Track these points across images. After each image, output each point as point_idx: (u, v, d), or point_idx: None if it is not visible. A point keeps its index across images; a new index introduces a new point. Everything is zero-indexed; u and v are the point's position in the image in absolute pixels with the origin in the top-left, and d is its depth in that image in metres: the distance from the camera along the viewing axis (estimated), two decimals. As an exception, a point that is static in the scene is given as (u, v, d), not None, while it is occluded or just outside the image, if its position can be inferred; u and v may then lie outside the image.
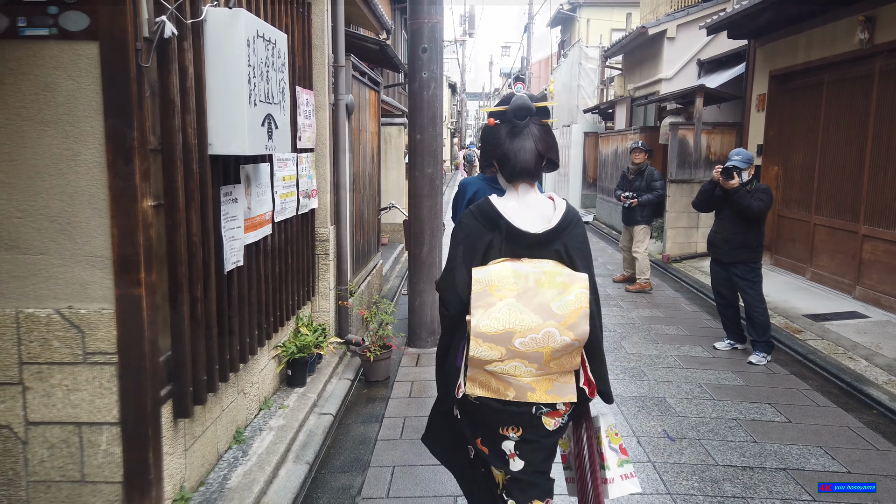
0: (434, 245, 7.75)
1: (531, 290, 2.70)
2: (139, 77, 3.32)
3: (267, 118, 4.29)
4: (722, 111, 15.33)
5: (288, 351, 5.93)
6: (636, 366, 7.28)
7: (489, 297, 2.70)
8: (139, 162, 3.34)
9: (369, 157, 9.24)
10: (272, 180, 5.30)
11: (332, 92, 6.94)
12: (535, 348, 2.69)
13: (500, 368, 2.76)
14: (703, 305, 10.06)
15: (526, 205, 2.88)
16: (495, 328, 2.67)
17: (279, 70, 4.56)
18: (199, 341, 4.08)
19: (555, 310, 2.68)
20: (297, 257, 6.28)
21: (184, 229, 3.83)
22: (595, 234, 18.25)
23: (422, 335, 7.89)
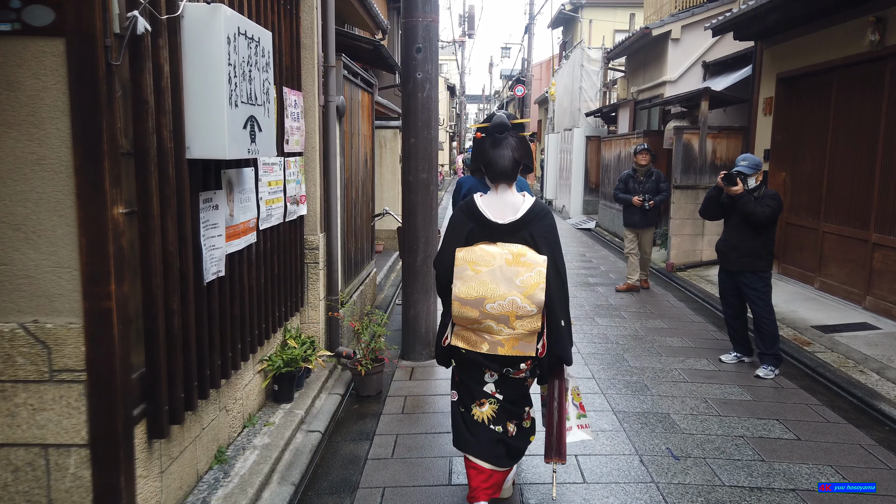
0: (429, 254, 7.63)
1: (501, 266, 3.80)
2: (109, 76, 3.21)
3: (249, 120, 4.17)
4: (728, 115, 15.28)
5: (274, 365, 5.81)
6: (639, 380, 7.17)
7: (467, 271, 3.85)
8: (109, 166, 3.22)
9: (362, 162, 9.17)
10: (257, 186, 5.20)
11: (322, 93, 6.84)
12: (503, 311, 3.81)
13: (477, 326, 3.91)
14: (709, 316, 9.95)
15: (502, 202, 3.97)
16: (471, 295, 3.82)
17: (263, 70, 4.44)
18: (175, 357, 3.96)
19: (517, 283, 3.78)
20: (285, 266, 6.19)
21: (158, 238, 3.72)
22: (597, 242, 18.20)
23: (416, 348, 7.78)
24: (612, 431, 5.83)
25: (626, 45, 19.35)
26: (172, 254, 3.86)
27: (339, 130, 7.42)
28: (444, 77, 57.39)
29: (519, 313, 3.80)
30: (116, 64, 3.25)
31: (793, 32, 11.32)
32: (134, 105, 3.53)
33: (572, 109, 25.23)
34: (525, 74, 35.93)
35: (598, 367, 7.51)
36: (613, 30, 31.36)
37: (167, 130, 3.73)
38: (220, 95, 3.80)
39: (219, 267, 4.46)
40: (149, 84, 3.56)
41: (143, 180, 3.59)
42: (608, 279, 12.77)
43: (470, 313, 3.86)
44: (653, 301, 10.97)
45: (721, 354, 7.95)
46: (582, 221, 22.22)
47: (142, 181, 3.59)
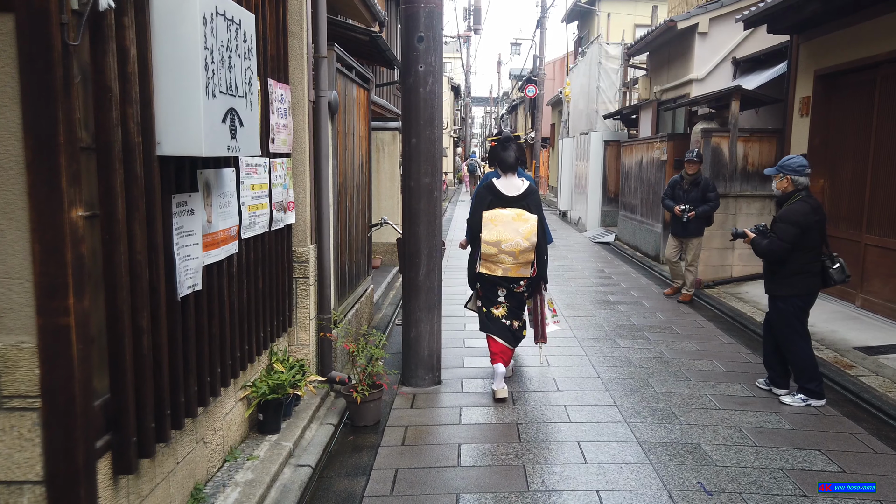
0: (432, 267, 7.56)
1: (510, 221, 6.90)
2: (66, 58, 3.09)
3: (229, 113, 4.08)
4: (760, 116, 15.26)
5: (259, 392, 5.72)
6: (665, 407, 7.11)
7: (489, 225, 6.89)
8: (66, 162, 3.10)
9: (357, 165, 9.13)
10: (238, 189, 5.13)
11: (313, 87, 6.80)
12: (511, 249, 6.88)
13: (497, 259, 6.93)
14: (741, 337, 9.88)
15: (510, 183, 7.08)
16: (492, 238, 6.86)
17: (245, 56, 4.33)
18: (145, 381, 3.85)
19: (520, 231, 6.84)
20: (271, 281, 6.12)
21: (125, 245, 3.61)
22: (617, 257, 18.16)
23: (418, 372, 7.68)
24: (637, 464, 5.72)
25: (649, 41, 19.31)
26: (141, 264, 3.75)
27: (332, 129, 7.36)
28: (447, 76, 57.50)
29: (521, 249, 7.02)
30: (74, 45, 3.13)
31: (833, 25, 11.26)
32: (95, 93, 3.42)
33: (589, 111, 25.18)
34: (537, 73, 36.01)
35: (621, 394, 7.44)
36: (634, 24, 31.39)
37: (134, 123, 3.62)
38: (195, 83, 3.70)
39: (195, 280, 4.36)
40: (112, 69, 3.45)
41: (106, 179, 3.48)
42: (629, 297, 12.68)
43: (491, 250, 7.06)
44: (679, 321, 10.89)
45: (757, 378, 7.89)
46: (599, 234, 22.15)
47: (105, 180, 3.48)
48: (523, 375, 8.01)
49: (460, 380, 7.86)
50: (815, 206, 7.07)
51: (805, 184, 7.15)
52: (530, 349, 8.54)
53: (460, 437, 6.31)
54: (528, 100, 42.33)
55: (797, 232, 6.97)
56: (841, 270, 7.12)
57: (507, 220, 6.96)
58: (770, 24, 12.71)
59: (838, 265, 7.12)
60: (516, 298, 7.39)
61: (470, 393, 7.47)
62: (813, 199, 7.12)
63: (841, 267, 7.13)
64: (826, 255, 7.18)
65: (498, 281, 7.20)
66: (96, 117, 3.43)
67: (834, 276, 7.10)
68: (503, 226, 6.96)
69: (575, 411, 6.92)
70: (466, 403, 7.15)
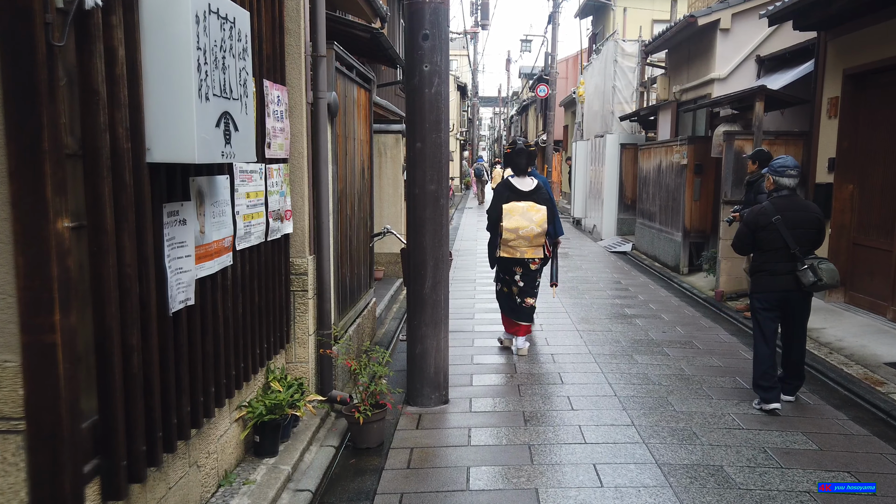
0: (439, 279, 7.55)
1: (525, 212, 9.21)
2: (51, 60, 3.10)
3: (223, 117, 4.09)
4: (786, 118, 15.23)
5: (255, 412, 5.72)
6: (686, 426, 7.08)
7: (509, 215, 9.21)
8: (52, 170, 3.11)
9: (359, 171, 9.15)
10: (233, 197, 5.14)
11: (311, 88, 6.81)
12: (527, 234, 9.19)
13: (514, 243, 9.25)
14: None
15: (523, 181, 9.43)
16: (511, 226, 9.18)
17: (239, 57, 4.35)
18: (135, 402, 3.85)
19: (534, 219, 9.18)
20: (267, 294, 6.13)
21: (113, 258, 3.62)
22: (634, 267, 18.13)
23: (424, 391, 7.65)
24: (657, 487, 5.71)
25: (668, 37, 19.31)
26: (131, 277, 3.76)
27: (331, 133, 7.36)
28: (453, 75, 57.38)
29: (535, 234, 9.19)
30: (60, 45, 3.15)
31: (863, 21, 11.22)
32: (82, 96, 3.43)
33: (604, 112, 25.18)
34: (548, 72, 35.95)
35: (639, 413, 7.41)
36: (652, 19, 31.32)
37: (123, 128, 3.63)
38: (187, 86, 3.71)
39: (187, 294, 4.37)
40: (100, 71, 3.46)
41: (93, 188, 3.49)
42: (648, 310, 12.66)
43: (510, 235, 9.18)
44: (701, 335, 10.87)
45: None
46: (616, 244, 22.13)
47: (92, 189, 3.49)
48: (535, 393, 7.98)
49: (469, 399, 7.83)
50: (783, 206, 7.38)
51: (786, 184, 7.45)
52: (545, 365, 8.44)
53: (469, 460, 6.28)
54: (539, 100, 42.30)
55: (747, 230, 7.55)
56: (809, 272, 7.26)
57: (523, 210, 9.27)
58: (796, 20, 12.68)
59: (805, 267, 7.28)
60: (531, 276, 9.61)
61: (479, 413, 7.45)
62: (786, 201, 7.45)
63: (809, 269, 7.27)
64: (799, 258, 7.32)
65: (517, 261, 9.48)
66: (83, 122, 3.44)
67: (801, 278, 7.28)
68: (520, 216, 9.24)
69: (590, 431, 6.89)
70: (475, 424, 7.13)
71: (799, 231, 7.34)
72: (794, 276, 7.32)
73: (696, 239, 16.41)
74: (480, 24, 47.08)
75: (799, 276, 7.28)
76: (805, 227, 7.36)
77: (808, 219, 7.40)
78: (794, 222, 7.33)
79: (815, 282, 7.23)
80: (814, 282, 7.23)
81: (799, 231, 7.34)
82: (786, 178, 7.43)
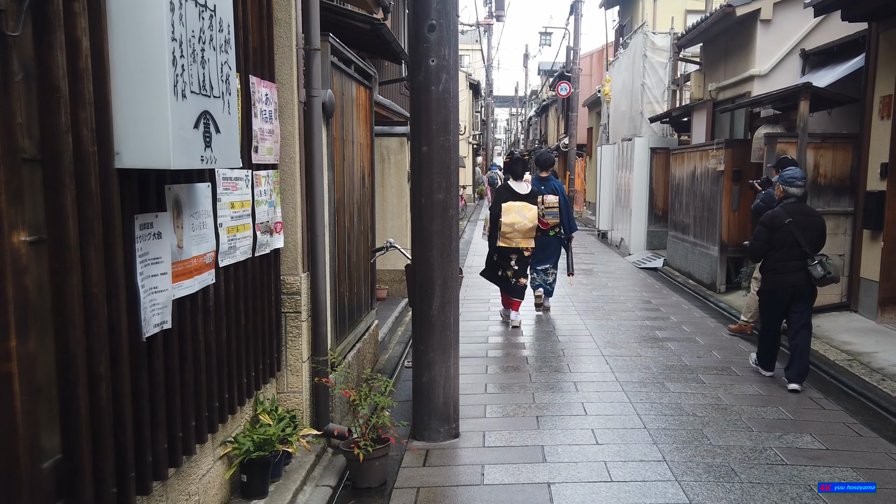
0: (448, 299, 7.49)
1: (520, 210, 12.52)
2: (4, 51, 3.05)
3: (203, 117, 4.04)
4: (833, 119, 15.19)
5: (242, 448, 5.65)
6: (723, 462, 7.01)
7: (507, 213, 12.51)
8: (5, 177, 3.05)
9: (358, 178, 9.13)
10: (215, 208, 5.11)
11: (303, 85, 6.79)
12: (521, 228, 12.49)
13: (510, 235, 12.55)
14: (811, 379, 9.73)
15: (519, 185, 12.84)
16: (508, 221, 12.47)
17: (221, 49, 4.30)
18: (104, 438, 3.77)
19: (527, 216, 12.53)
20: (255, 316, 6.10)
21: (77, 276, 3.55)
22: (666, 285, 18.13)
23: (432, 423, 7.60)
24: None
25: (702, 29, 19.33)
26: (98, 298, 3.69)
27: (327, 135, 7.34)
28: (465, 72, 57.46)
29: (527, 228, 12.42)
30: (14, 35, 3.10)
31: (922, 8, 11.17)
32: (41, 93, 3.37)
33: (632, 113, 25.16)
34: (570, 68, 36.07)
35: (671, 447, 7.34)
36: (685, 9, 31.16)
37: (87, 129, 3.56)
38: (160, 81, 3.65)
39: (163, 316, 4.31)
40: (61, 65, 3.40)
41: (54, 197, 3.43)
42: (681, 333, 12.61)
43: (507, 229, 12.34)
44: (739, 360, 10.78)
45: (827, 426, 7.90)
46: (646, 259, 22.13)
47: (53, 198, 3.43)
48: (556, 426, 7.92)
49: (481, 432, 7.76)
50: (793, 211, 9.27)
51: (795, 193, 9.35)
52: (567, 395, 8.37)
53: (482, 501, 6.23)
54: (560, 99, 42.37)
55: (765, 231, 9.39)
56: (818, 268, 9.11)
57: (518, 209, 12.42)
58: (845, 10, 12.68)
59: (816, 262, 9.11)
60: (524, 261, 12.89)
61: (493, 448, 7.38)
62: (796, 206, 9.33)
63: (819, 265, 9.11)
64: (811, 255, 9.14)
65: (513, 250, 12.66)
66: (42, 123, 3.38)
67: (812, 273, 9.13)
68: (515, 213, 12.38)
69: (617, 469, 6.82)
70: (489, 460, 7.06)
71: (808, 233, 9.17)
72: (805, 272, 9.15)
73: (734, 254, 16.35)
74: (495, 14, 47.25)
75: (810, 271, 9.11)
76: (812, 229, 9.23)
77: (815, 223, 9.30)
78: (803, 225, 9.18)
79: (824, 275, 9.09)
80: (823, 275, 9.09)
81: (808, 233, 9.17)
82: (794, 188, 9.33)
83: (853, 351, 10.77)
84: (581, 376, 9.84)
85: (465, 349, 8.40)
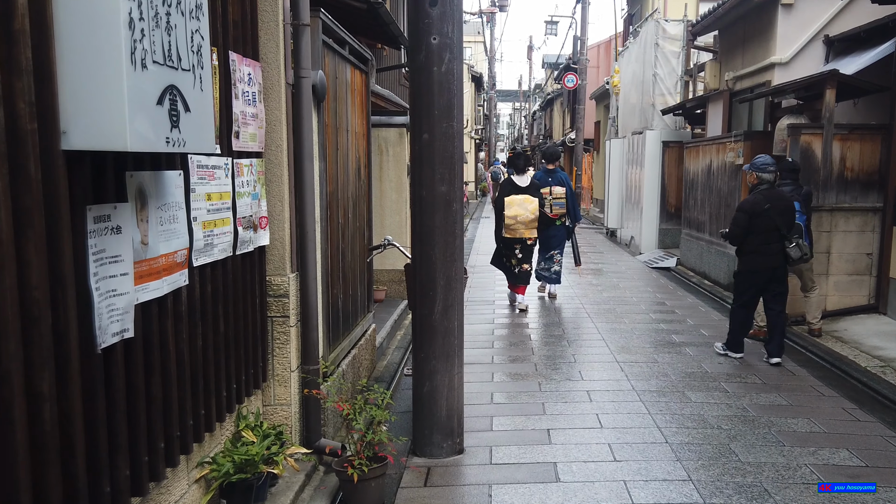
0: (451, 301, 7.18)
1: (522, 203, 14.22)
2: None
3: (168, 92, 3.66)
4: (859, 109, 14.97)
5: (221, 470, 5.33)
6: (755, 481, 6.71)
7: (510, 205, 14.27)
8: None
9: (353, 170, 8.91)
10: (188, 199, 4.80)
11: (291, 66, 6.52)
12: (524, 220, 14.16)
13: (514, 227, 14.28)
14: (843, 388, 9.55)
15: (521, 178, 14.63)
16: (511, 214, 14.22)
17: (191, 15, 3.91)
18: (49, 468, 3.43)
19: (529, 208, 14.18)
20: (237, 322, 5.82)
21: (12, 278, 3.20)
22: (680, 286, 17.99)
23: (434, 438, 7.30)
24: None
25: (718, 15, 19.28)
26: (39, 303, 3.33)
27: (318, 122, 7.10)
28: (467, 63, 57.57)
29: (529, 220, 13.97)
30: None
31: (957, -12, 10.91)
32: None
33: (643, 105, 25.05)
34: (577, 59, 35.93)
35: (696, 464, 7.06)
36: (699, -5, 31.00)
37: (25, 102, 3.19)
38: (114, 46, 3.25)
39: (124, 323, 3.96)
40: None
41: (-17, 183, 3.08)
42: (699, 337, 12.37)
43: (511, 221, 14.01)
44: (764, 367, 10.54)
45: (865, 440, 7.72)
46: (657, 258, 22.03)
47: (-19, 184, 3.08)
48: (569, 441, 7.62)
49: (488, 447, 7.49)
50: (770, 196, 10.29)
51: (768, 179, 10.37)
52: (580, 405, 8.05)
53: (489, 528, 5.98)
54: (566, 92, 42.29)
55: (745, 217, 10.36)
56: (796, 249, 10.19)
57: (520, 201, 13.93)
58: (873, -9, 12.43)
59: (794, 244, 10.18)
60: (528, 250, 14.45)
61: (501, 465, 7.09)
62: (770, 192, 10.35)
63: (796, 246, 10.19)
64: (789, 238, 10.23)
65: (517, 240, 14.21)
66: (-32, 94, 3.03)
67: (791, 253, 10.22)
68: (517, 206, 13.88)
69: (638, 489, 6.54)
70: (497, 479, 6.77)
71: (783, 217, 10.23)
72: (783, 254, 10.25)
73: (753, 252, 16.02)
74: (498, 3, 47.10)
75: (789, 253, 10.21)
76: (787, 213, 10.30)
77: (788, 206, 10.38)
78: (779, 210, 10.23)
79: (801, 256, 10.27)
80: (801, 256, 10.26)
81: (783, 217, 10.23)
82: (766, 174, 10.35)
83: (885, 356, 10.55)
84: (594, 384, 9.58)
85: (469, 355, 8.13)
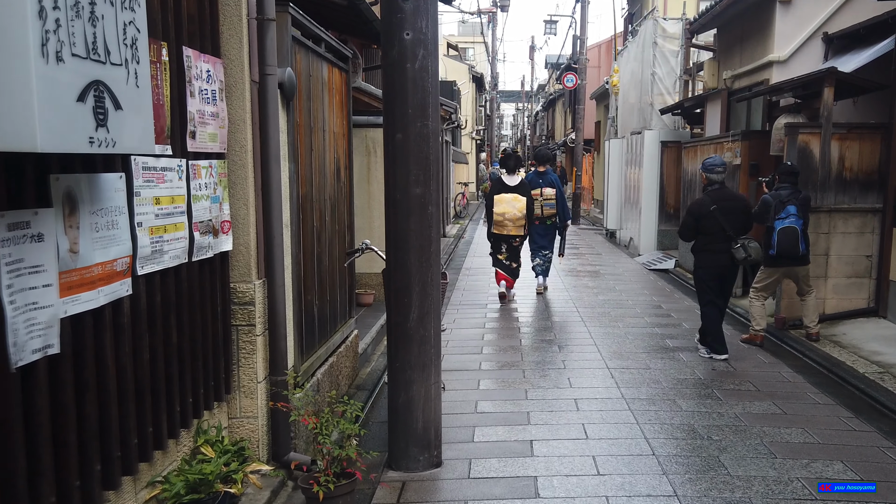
0: (427, 309, 6.92)
1: (510, 201, 15.45)
2: None
3: (93, 88, 3.41)
4: (859, 108, 14.78)
5: (172, 490, 5.03)
6: (743, 497, 6.48)
7: (499, 203, 15.55)
8: None
9: (331, 172, 8.65)
10: (131, 203, 4.52)
11: (257, 63, 6.24)
12: (511, 217, 15.44)
13: (502, 223, 15.56)
14: (840, 395, 9.32)
15: (510, 178, 15.81)
16: (500, 211, 15.51)
17: (123, 5, 3.63)
18: None
19: (516, 206, 15.39)
20: (194, 332, 5.58)
21: None
22: (677, 288, 17.78)
23: (409, 451, 7.03)
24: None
25: (716, 13, 19.19)
26: None
27: (288, 121, 6.86)
28: (468, 64, 57.35)
29: (517, 217, 15.07)
30: None
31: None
32: None
33: (642, 105, 24.94)
34: (577, 59, 35.74)
35: (683, 478, 6.83)
36: (698, -7, 30.84)
37: None
38: (20, 37, 3.00)
39: (47, 339, 3.69)
40: None
41: None
42: (694, 342, 12.01)
43: (499, 218, 15.15)
44: (759, 373, 10.29)
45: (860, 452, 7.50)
46: (656, 260, 21.84)
47: None
48: (552, 453, 7.37)
49: (467, 460, 7.22)
50: (717, 197, 10.68)
51: (716, 179, 10.82)
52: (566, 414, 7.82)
53: (463, 548, 5.73)
54: (567, 93, 42.11)
55: (691, 219, 10.92)
56: (741, 250, 10.48)
57: (509, 200, 14.80)
58: (877, -13, 12.25)
59: (738, 245, 10.48)
60: (515, 248, 15.39)
61: (479, 479, 6.83)
62: (719, 192, 10.79)
63: (741, 247, 10.48)
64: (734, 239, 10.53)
65: (504, 237, 15.14)
66: None
67: (735, 255, 10.53)
68: (506, 204, 14.76)
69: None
70: (473, 495, 6.51)
71: (731, 217, 10.59)
72: (730, 254, 10.55)
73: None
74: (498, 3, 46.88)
75: (734, 254, 10.51)
76: (736, 213, 10.65)
77: (737, 207, 10.77)
78: (727, 210, 10.59)
79: (745, 257, 10.53)
80: (744, 257, 10.53)
81: (731, 217, 10.59)
82: (715, 175, 10.80)
83: (884, 362, 10.32)
84: (583, 392, 9.33)
85: (456, 361, 7.86)
